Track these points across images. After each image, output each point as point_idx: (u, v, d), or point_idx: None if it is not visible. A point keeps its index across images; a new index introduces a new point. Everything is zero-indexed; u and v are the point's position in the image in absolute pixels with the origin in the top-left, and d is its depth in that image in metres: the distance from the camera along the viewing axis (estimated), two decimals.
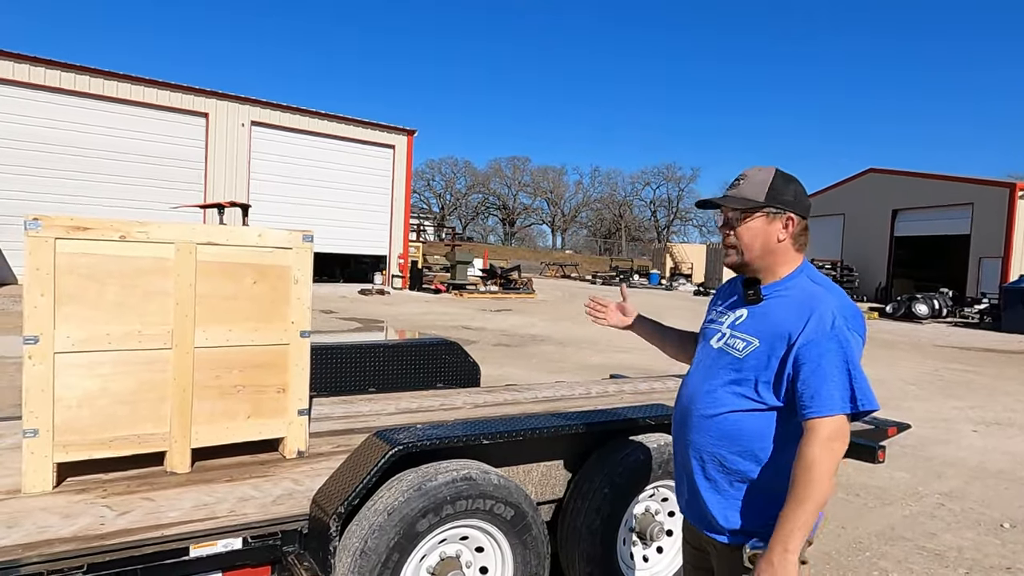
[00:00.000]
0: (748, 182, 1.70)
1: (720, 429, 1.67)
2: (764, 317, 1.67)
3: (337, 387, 4.05)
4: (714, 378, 1.71)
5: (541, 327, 15.34)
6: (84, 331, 2.47)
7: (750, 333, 1.67)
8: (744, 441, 1.64)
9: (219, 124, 23.24)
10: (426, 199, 78.40)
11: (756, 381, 1.63)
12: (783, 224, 1.69)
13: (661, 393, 4.41)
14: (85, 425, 2.49)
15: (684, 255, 49.48)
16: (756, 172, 1.71)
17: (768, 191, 1.67)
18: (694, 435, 1.73)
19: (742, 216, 1.70)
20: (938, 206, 30.37)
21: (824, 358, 1.53)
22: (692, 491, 1.76)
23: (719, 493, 1.68)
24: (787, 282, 1.70)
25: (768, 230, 1.69)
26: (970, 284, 28.33)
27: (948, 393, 9.35)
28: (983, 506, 4.76)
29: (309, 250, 2.91)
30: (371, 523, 2.14)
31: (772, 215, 1.68)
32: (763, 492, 1.63)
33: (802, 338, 1.56)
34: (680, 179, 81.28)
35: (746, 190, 1.70)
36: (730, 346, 1.70)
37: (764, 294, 1.70)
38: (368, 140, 27.09)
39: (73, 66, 20.42)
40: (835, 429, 1.51)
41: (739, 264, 1.73)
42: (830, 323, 1.56)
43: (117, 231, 2.51)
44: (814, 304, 1.59)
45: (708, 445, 1.69)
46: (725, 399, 1.67)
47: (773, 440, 1.62)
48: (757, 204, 1.67)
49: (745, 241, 1.70)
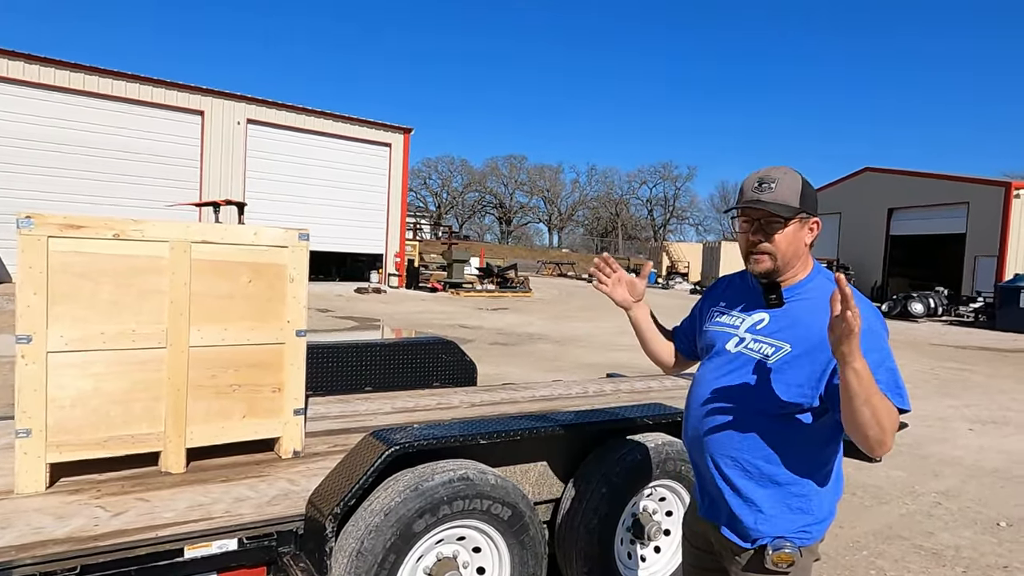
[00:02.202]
0: (782, 185, 1.63)
1: (744, 434, 1.64)
2: (792, 320, 1.64)
3: (333, 386, 4.03)
4: (734, 382, 1.67)
5: (538, 326, 15.33)
6: (77, 330, 2.44)
7: (779, 338, 1.63)
8: (770, 445, 1.62)
9: (215, 122, 23.16)
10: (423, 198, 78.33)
11: (786, 385, 1.59)
12: (809, 228, 1.67)
13: (659, 392, 4.40)
14: (78, 425, 2.47)
15: (680, 253, 49.52)
16: (784, 175, 1.65)
17: (801, 196, 1.64)
18: (715, 440, 1.69)
19: (783, 222, 1.63)
20: (934, 205, 30.43)
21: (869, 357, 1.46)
22: (715, 496, 1.73)
23: (744, 498, 1.66)
24: (807, 283, 1.68)
25: (800, 235, 1.66)
26: (965, 283, 28.39)
27: (944, 392, 9.37)
28: (980, 505, 4.76)
29: (305, 248, 2.89)
30: (367, 524, 2.13)
31: (803, 220, 1.65)
32: (789, 496, 1.62)
33: None
34: (677, 178, 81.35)
35: (783, 194, 1.63)
36: (754, 351, 1.66)
37: (786, 297, 1.67)
38: (365, 138, 27.03)
39: (67, 63, 20.32)
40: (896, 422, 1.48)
41: (772, 270, 1.66)
42: (866, 324, 1.51)
43: (111, 229, 2.49)
44: None
45: (731, 450, 1.66)
46: (748, 403, 1.64)
47: (800, 444, 1.61)
48: (797, 210, 1.62)
49: (782, 248, 1.64)
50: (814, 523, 1.65)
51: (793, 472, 1.62)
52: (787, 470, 1.62)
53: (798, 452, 1.62)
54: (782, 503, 1.63)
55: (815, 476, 1.65)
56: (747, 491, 1.65)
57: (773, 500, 1.63)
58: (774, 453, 1.62)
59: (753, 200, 1.64)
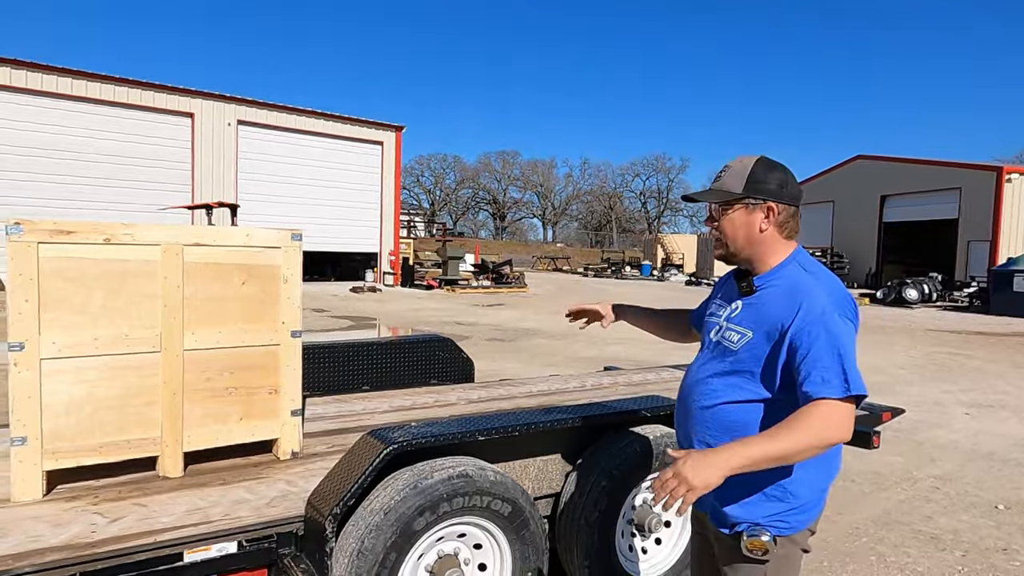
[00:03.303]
0: (729, 173, 1.70)
1: (717, 420, 1.69)
2: (756, 308, 1.68)
3: (330, 386, 4.02)
4: (712, 370, 1.73)
5: (534, 321, 15.33)
6: (70, 336, 2.42)
7: (744, 325, 1.68)
8: (740, 431, 1.64)
9: (204, 124, 23.05)
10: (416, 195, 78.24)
11: (752, 372, 1.64)
12: (764, 214, 1.68)
13: (655, 384, 4.41)
14: (74, 432, 2.45)
15: (675, 246, 49.59)
16: (738, 162, 1.71)
17: (747, 182, 1.67)
18: (694, 426, 1.75)
19: (722, 209, 1.70)
20: (926, 191, 30.53)
21: (814, 344, 1.53)
22: None
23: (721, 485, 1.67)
24: (778, 271, 1.70)
25: (749, 221, 1.69)
26: (959, 268, 28.53)
27: (939, 377, 9.41)
28: (977, 488, 4.79)
29: (298, 249, 2.88)
30: (367, 523, 2.12)
31: (752, 206, 1.67)
32: (764, 483, 1.63)
33: (793, 326, 1.57)
34: (670, 170, 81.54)
35: (727, 182, 1.70)
36: (726, 338, 1.72)
37: (756, 285, 1.70)
38: (356, 137, 26.96)
39: (52, 68, 20.18)
40: (834, 415, 1.49)
41: (726, 256, 1.75)
42: (820, 310, 1.56)
43: (101, 234, 2.47)
44: (803, 292, 1.60)
45: (706, 436, 1.71)
46: (721, 390, 1.69)
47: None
48: (734, 196, 1.67)
49: (728, 233, 1.71)
50: (791, 511, 1.65)
51: None
52: None
53: None
54: (757, 489, 1.65)
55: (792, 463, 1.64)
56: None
57: (748, 486, 1.64)
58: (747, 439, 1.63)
59: (701, 191, 1.77)
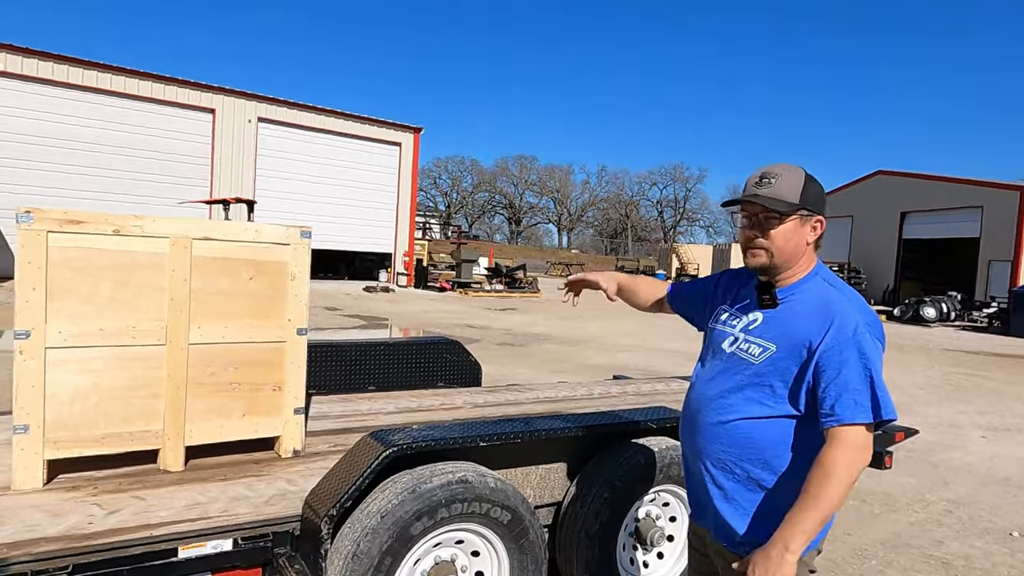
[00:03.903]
0: (782, 181, 1.61)
1: (732, 436, 1.62)
2: (781, 322, 1.62)
3: (337, 385, 4.01)
4: (726, 383, 1.66)
5: (545, 326, 15.28)
6: (76, 326, 2.43)
7: (766, 338, 1.62)
8: (757, 449, 1.59)
9: (225, 120, 23.27)
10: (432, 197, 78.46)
11: (772, 387, 1.58)
12: (812, 227, 1.64)
13: (665, 395, 4.35)
14: (76, 422, 2.45)
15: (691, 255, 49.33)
16: (786, 171, 1.63)
17: (802, 193, 1.61)
18: (704, 442, 1.68)
19: (779, 218, 1.61)
20: (947, 209, 30.12)
21: (845, 366, 1.49)
22: (703, 498, 1.72)
23: (730, 502, 1.64)
24: (803, 284, 1.65)
25: (800, 232, 1.63)
26: (979, 287, 28.08)
27: (956, 398, 9.25)
28: (991, 514, 4.68)
29: (307, 246, 2.86)
30: (363, 526, 2.10)
31: (804, 218, 1.62)
32: (777, 501, 1.58)
33: (823, 345, 1.52)
34: (687, 179, 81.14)
35: (781, 190, 1.61)
36: (744, 351, 1.65)
37: (780, 298, 1.65)
38: (374, 137, 27.08)
39: (79, 60, 20.48)
40: (858, 438, 1.47)
41: (767, 267, 1.65)
42: (852, 330, 1.51)
43: (111, 225, 2.47)
44: (835, 310, 1.55)
45: (719, 452, 1.65)
46: (738, 405, 1.62)
47: (788, 448, 1.59)
48: (795, 206, 1.60)
49: (779, 244, 1.62)
50: None
51: (783, 477, 1.59)
52: (776, 475, 1.60)
53: (788, 456, 1.59)
54: (770, 508, 1.60)
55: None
56: (735, 495, 1.63)
57: (761, 505, 1.61)
58: (763, 457, 1.60)
59: (751, 195, 1.63)
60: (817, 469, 1.47)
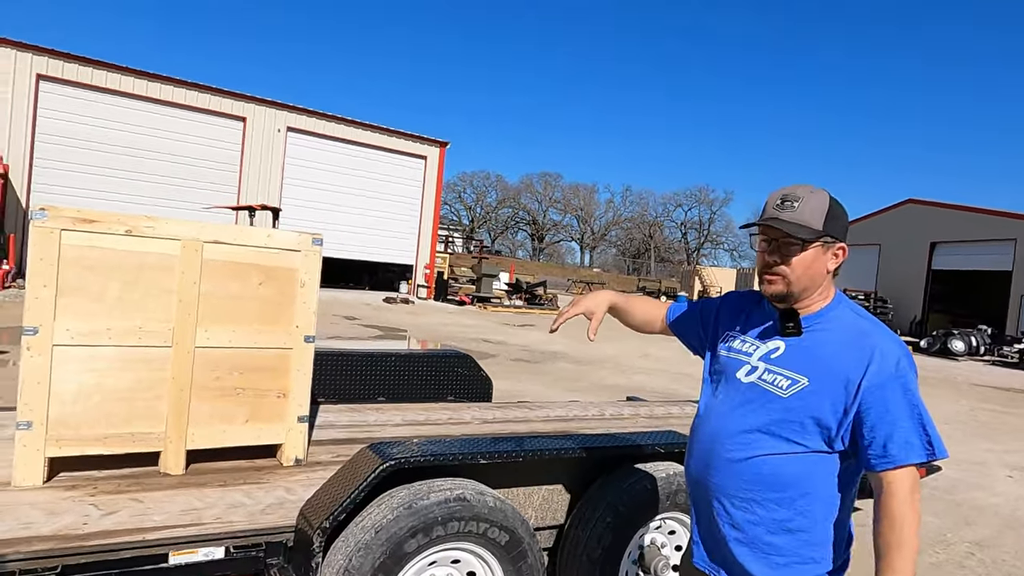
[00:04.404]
0: (804, 205, 1.51)
1: (755, 473, 1.52)
2: (809, 352, 1.52)
3: (346, 394, 3.99)
4: (749, 417, 1.55)
5: (562, 344, 15.18)
6: (84, 324, 2.43)
7: (795, 370, 1.52)
8: (782, 487, 1.50)
9: (256, 128, 23.68)
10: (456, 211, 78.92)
11: (803, 424, 1.48)
12: (833, 254, 1.55)
13: (679, 419, 4.26)
14: (79, 420, 2.45)
15: (713, 278, 48.88)
16: (809, 194, 1.53)
17: (826, 219, 1.52)
18: (722, 479, 1.56)
19: (802, 245, 1.51)
20: (979, 241, 29.51)
21: (891, 402, 1.41)
22: (716, 540, 1.61)
23: (748, 544, 1.54)
24: (828, 313, 1.57)
25: (821, 260, 1.54)
26: (1011, 322, 27.39)
27: (982, 435, 8.97)
28: (1016, 558, 4.49)
29: (318, 253, 2.85)
30: (357, 540, 2.05)
31: (827, 245, 1.53)
32: (803, 544, 1.50)
33: (866, 381, 1.42)
34: (712, 202, 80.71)
35: (803, 215, 1.51)
36: (768, 382, 1.55)
37: (804, 326, 1.55)
38: (401, 150, 27.35)
39: (116, 66, 21.02)
40: (915, 480, 1.39)
41: (783, 295, 1.55)
42: (894, 364, 1.43)
43: (123, 225, 2.48)
44: (872, 343, 1.46)
45: (738, 490, 1.54)
46: (761, 441, 1.51)
47: (814, 485, 1.49)
48: (818, 233, 1.51)
49: (798, 272, 1.53)
50: (828, 574, 1.53)
51: (808, 518, 1.50)
52: (801, 515, 1.50)
53: (815, 496, 1.49)
54: (795, 552, 1.50)
55: (831, 522, 1.52)
56: (756, 537, 1.53)
57: (785, 548, 1.51)
58: (788, 495, 1.49)
59: (772, 218, 1.53)
60: (888, 527, 1.39)
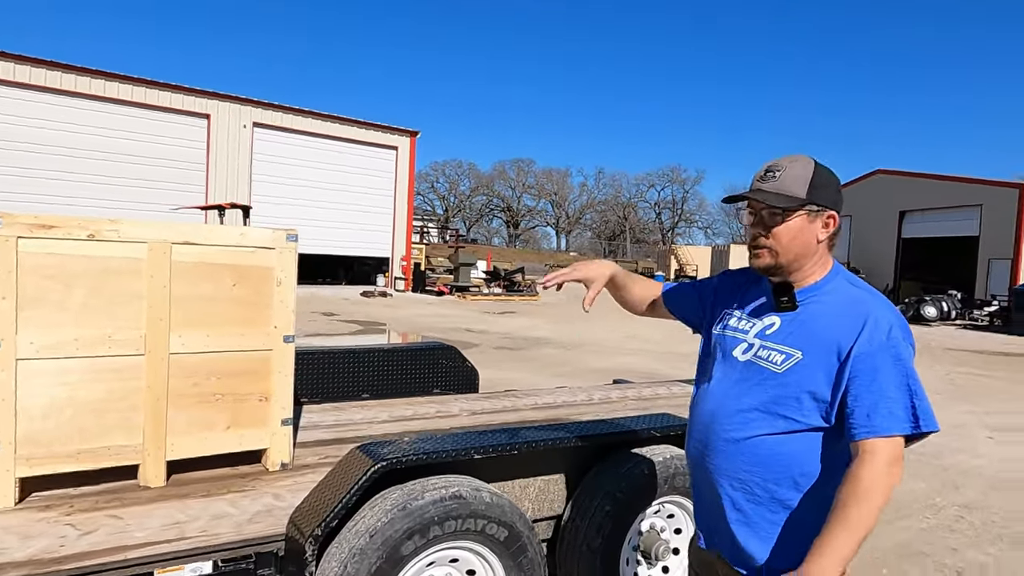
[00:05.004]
0: (787, 175, 1.47)
1: (754, 453, 1.47)
2: (803, 325, 1.48)
3: (329, 393, 3.89)
4: (745, 396, 1.50)
5: (544, 330, 15.16)
6: (49, 336, 2.30)
7: (790, 344, 1.47)
8: (782, 466, 1.45)
9: (220, 125, 23.17)
10: (430, 201, 78.44)
11: (799, 399, 1.43)
12: (823, 223, 1.50)
13: (666, 399, 4.24)
14: (50, 437, 2.33)
15: (689, 257, 49.32)
16: (793, 163, 1.50)
17: (810, 186, 1.47)
18: (722, 461, 1.52)
19: (782, 214, 1.48)
20: (946, 207, 30.05)
21: (880, 372, 1.36)
22: (719, 522, 1.56)
23: (751, 526, 1.49)
24: (824, 286, 1.52)
25: (809, 230, 1.49)
26: (979, 286, 27.99)
27: (961, 397, 9.13)
28: (1004, 519, 4.55)
29: (293, 250, 2.74)
30: (351, 546, 1.97)
31: (813, 213, 1.49)
32: (805, 523, 1.45)
33: (856, 348, 1.38)
34: (685, 181, 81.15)
35: (785, 184, 1.47)
36: (763, 359, 1.50)
37: (799, 300, 1.50)
38: (371, 141, 26.99)
39: (72, 67, 20.38)
40: (893, 452, 1.34)
41: (772, 267, 1.52)
42: (886, 332, 1.38)
43: (85, 229, 2.35)
44: (865, 310, 1.42)
45: (738, 471, 1.49)
46: (759, 420, 1.47)
47: (816, 463, 1.45)
48: (799, 201, 1.46)
49: (783, 243, 1.48)
50: None
51: (809, 496, 1.45)
52: (802, 493, 1.46)
53: (815, 472, 1.45)
54: (795, 531, 1.46)
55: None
56: (756, 518, 1.49)
57: (786, 527, 1.47)
58: (789, 475, 1.45)
59: (754, 190, 1.50)
60: (849, 487, 1.33)
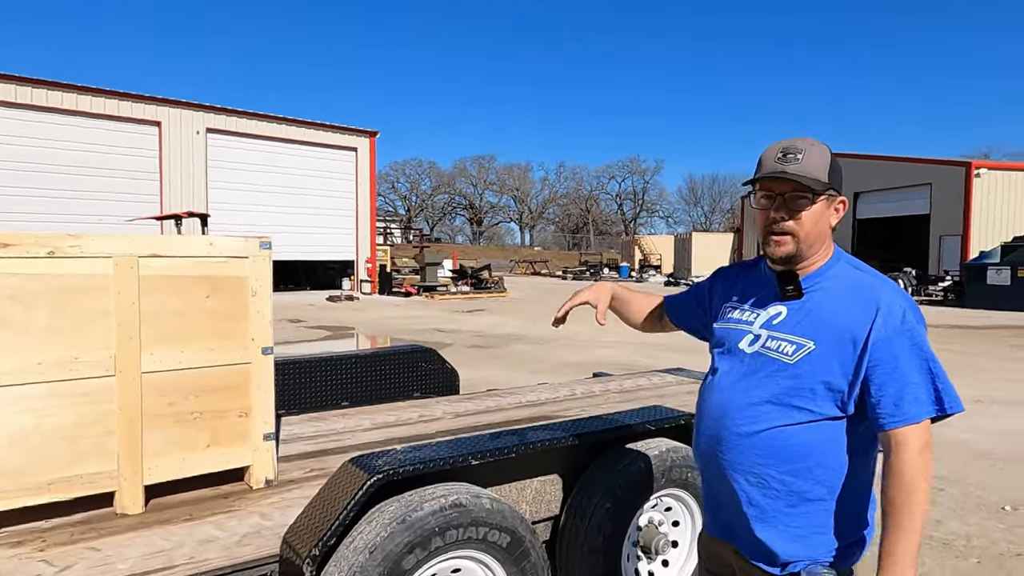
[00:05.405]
0: (808, 157, 1.42)
1: (769, 446, 1.44)
2: (811, 314, 1.44)
3: (307, 403, 3.77)
4: (756, 388, 1.47)
5: (516, 326, 15.13)
6: (11, 361, 2.16)
7: (799, 334, 1.43)
8: (799, 457, 1.42)
9: (172, 133, 22.50)
10: (391, 202, 77.72)
11: (813, 389, 1.40)
12: (835, 208, 1.48)
13: (648, 390, 4.23)
14: (17, 467, 2.18)
15: (652, 246, 49.84)
16: (811, 146, 1.45)
17: (830, 170, 1.44)
18: (733, 455, 1.48)
19: (812, 198, 1.43)
20: (898, 187, 30.96)
21: (900, 358, 1.33)
22: (735, 517, 1.52)
23: (769, 520, 1.46)
24: (827, 271, 1.49)
25: (826, 215, 1.46)
26: (932, 263, 28.92)
27: None
28: (981, 489, 4.67)
29: (267, 258, 2.63)
30: (351, 564, 1.89)
31: (831, 198, 1.46)
32: (823, 514, 1.42)
33: (872, 336, 1.35)
34: (644, 171, 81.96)
35: (809, 166, 1.42)
36: (772, 350, 1.46)
37: (804, 287, 1.47)
38: (329, 143, 26.54)
39: (13, 77, 19.52)
40: (923, 437, 1.33)
41: (793, 254, 1.46)
42: (900, 317, 1.36)
43: (44, 246, 2.21)
44: (875, 296, 1.39)
45: (753, 466, 1.46)
46: (772, 412, 1.43)
47: (831, 453, 1.42)
48: (827, 185, 1.43)
49: (807, 227, 1.43)
50: (853, 543, 1.46)
51: (826, 487, 1.43)
52: (819, 485, 1.43)
53: (832, 464, 1.42)
54: (814, 523, 1.43)
55: (851, 490, 1.45)
56: (773, 511, 1.45)
57: (804, 520, 1.44)
58: (806, 466, 1.42)
59: (779, 172, 1.43)
60: (895, 485, 1.31)
